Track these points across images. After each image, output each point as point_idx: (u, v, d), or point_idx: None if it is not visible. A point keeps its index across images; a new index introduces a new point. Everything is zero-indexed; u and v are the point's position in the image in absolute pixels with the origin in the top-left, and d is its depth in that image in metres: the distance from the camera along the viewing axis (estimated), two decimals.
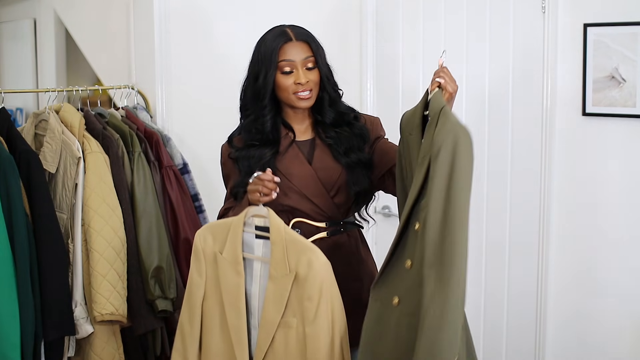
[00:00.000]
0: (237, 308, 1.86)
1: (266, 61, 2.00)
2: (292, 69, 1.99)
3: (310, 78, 2.00)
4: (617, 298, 2.63)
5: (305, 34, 2.03)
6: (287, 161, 2.04)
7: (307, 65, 2.00)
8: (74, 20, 3.65)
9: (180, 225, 2.57)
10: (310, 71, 2.01)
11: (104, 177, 2.41)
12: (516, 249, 2.87)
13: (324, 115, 2.07)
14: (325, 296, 1.78)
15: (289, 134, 2.07)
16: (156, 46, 2.76)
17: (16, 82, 4.46)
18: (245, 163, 2.03)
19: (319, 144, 2.08)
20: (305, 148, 2.08)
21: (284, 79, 2.00)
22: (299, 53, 2.00)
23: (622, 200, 2.59)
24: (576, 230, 2.71)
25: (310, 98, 2.03)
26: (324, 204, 2.04)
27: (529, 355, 2.86)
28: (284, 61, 1.99)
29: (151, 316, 2.47)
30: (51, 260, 2.29)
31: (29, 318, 2.20)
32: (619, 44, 2.51)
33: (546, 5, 2.67)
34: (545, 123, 2.72)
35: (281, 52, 1.99)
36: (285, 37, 2.00)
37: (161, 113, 2.79)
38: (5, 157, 2.22)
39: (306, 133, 2.10)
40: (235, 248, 1.86)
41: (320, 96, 2.06)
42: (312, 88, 2.01)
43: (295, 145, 2.06)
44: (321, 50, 2.04)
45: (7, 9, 4.62)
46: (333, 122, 2.07)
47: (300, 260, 1.79)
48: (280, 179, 1.91)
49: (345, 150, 2.06)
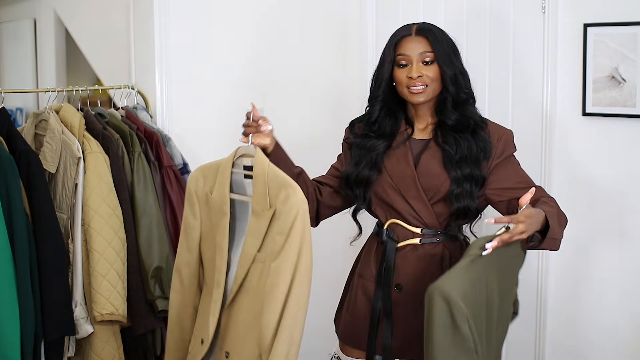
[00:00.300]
0: (220, 246, 1.87)
1: (386, 53, 2.01)
2: (407, 62, 1.97)
3: (424, 73, 1.95)
4: (617, 298, 2.62)
5: (427, 29, 1.98)
6: (394, 158, 2.01)
7: (424, 60, 1.96)
8: (74, 20, 3.65)
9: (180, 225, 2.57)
10: (426, 66, 1.96)
11: (104, 177, 2.41)
12: None
13: (444, 115, 2.00)
14: (295, 233, 1.74)
15: (407, 130, 2.04)
16: (156, 46, 2.76)
17: (16, 82, 4.46)
18: (356, 152, 2.04)
19: (432, 146, 2.02)
20: (418, 148, 2.03)
21: (399, 72, 1.98)
22: (416, 47, 1.96)
23: (623, 200, 2.59)
24: (576, 230, 2.71)
25: (423, 93, 1.97)
26: (421, 209, 1.99)
27: (529, 355, 2.86)
28: (400, 55, 1.97)
29: (151, 316, 2.47)
30: (51, 260, 2.29)
31: (29, 318, 2.20)
32: (619, 44, 2.51)
33: (546, 5, 2.67)
34: (545, 123, 2.72)
35: (399, 45, 1.98)
36: (406, 31, 1.99)
37: (161, 113, 2.79)
38: (5, 157, 2.21)
39: (424, 132, 2.05)
40: (223, 188, 1.88)
41: (443, 96, 2.00)
42: (426, 83, 1.96)
43: (408, 143, 2.02)
44: (446, 48, 1.97)
45: (7, 9, 4.62)
46: (454, 125, 1.98)
47: (278, 195, 1.77)
48: (383, 174, 1.95)
49: (458, 160, 1.96)
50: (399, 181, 1.99)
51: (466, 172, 1.95)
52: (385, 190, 2.01)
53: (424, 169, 1.99)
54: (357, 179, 2.03)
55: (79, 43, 3.56)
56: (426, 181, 1.97)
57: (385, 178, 1.99)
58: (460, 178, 1.95)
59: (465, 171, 1.95)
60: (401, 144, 2.02)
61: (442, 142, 1.99)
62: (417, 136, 2.05)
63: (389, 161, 2.01)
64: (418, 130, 2.05)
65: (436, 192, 1.99)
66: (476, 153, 1.97)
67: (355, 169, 2.04)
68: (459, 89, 1.99)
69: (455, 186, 1.96)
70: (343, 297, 2.21)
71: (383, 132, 2.03)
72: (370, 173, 2.01)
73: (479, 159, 1.97)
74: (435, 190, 1.98)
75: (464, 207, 1.97)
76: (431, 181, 1.97)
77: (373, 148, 2.01)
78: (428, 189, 1.98)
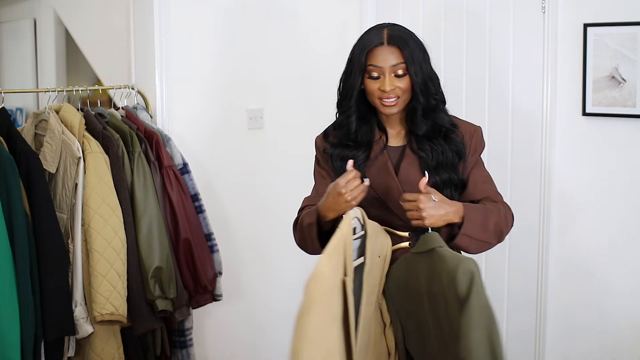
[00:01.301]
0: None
1: (356, 62, 1.93)
2: (379, 74, 1.90)
3: (397, 85, 1.90)
4: (617, 298, 2.63)
5: (399, 39, 1.91)
6: (374, 169, 1.97)
7: (396, 72, 1.90)
8: (74, 20, 3.66)
9: (180, 225, 2.57)
10: (399, 78, 1.91)
11: (104, 177, 2.41)
12: (516, 249, 2.87)
13: (415, 126, 1.96)
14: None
15: (382, 138, 2.00)
16: (156, 46, 2.76)
17: (16, 82, 4.46)
18: (338, 164, 1.98)
19: (408, 153, 1.98)
20: (395, 155, 1.99)
21: (371, 83, 1.92)
22: (388, 59, 1.89)
23: (622, 200, 2.60)
24: (576, 230, 2.71)
25: (396, 105, 1.92)
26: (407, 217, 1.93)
27: (529, 355, 2.86)
28: (372, 66, 1.90)
29: (151, 316, 2.47)
30: (51, 260, 2.29)
31: (29, 318, 2.20)
32: (619, 44, 2.51)
33: (546, 5, 2.67)
34: (545, 123, 2.72)
35: (370, 55, 1.91)
36: (378, 39, 1.91)
37: (161, 113, 2.79)
38: (6, 157, 2.21)
39: (398, 138, 2.02)
40: (351, 264, 1.75)
41: (412, 105, 1.95)
42: (398, 95, 1.91)
43: (386, 152, 1.98)
44: (417, 56, 1.90)
45: (7, 9, 4.62)
46: (426, 133, 1.96)
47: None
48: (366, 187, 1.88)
49: (435, 167, 1.93)
50: (383, 194, 1.96)
51: (444, 178, 1.94)
52: (371, 203, 1.96)
53: (404, 177, 1.96)
54: None
55: (79, 43, 3.56)
56: (408, 190, 1.92)
57: (369, 192, 1.92)
58: (439, 183, 1.93)
59: (444, 177, 1.94)
60: (379, 153, 1.98)
61: (417, 148, 1.97)
62: (392, 143, 2.01)
63: (370, 173, 1.97)
64: (392, 137, 2.02)
65: None
66: (451, 158, 1.95)
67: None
68: (429, 96, 1.95)
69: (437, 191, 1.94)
70: None
71: (361, 141, 1.98)
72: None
73: (455, 163, 1.96)
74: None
75: None
76: (414, 188, 1.92)
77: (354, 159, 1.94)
78: None
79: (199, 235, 2.62)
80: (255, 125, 3.04)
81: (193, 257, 2.57)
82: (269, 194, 3.09)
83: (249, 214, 3.05)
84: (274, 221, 3.11)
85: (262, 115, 3.04)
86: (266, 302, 3.13)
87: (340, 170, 1.96)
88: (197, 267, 2.57)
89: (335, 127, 2.05)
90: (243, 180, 3.04)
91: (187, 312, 2.61)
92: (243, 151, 3.02)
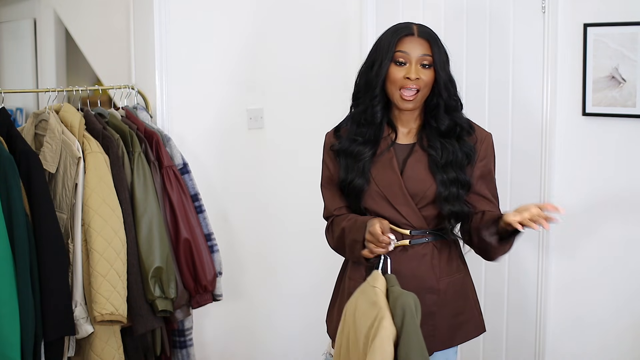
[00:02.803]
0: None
1: (383, 51, 1.96)
2: (406, 61, 1.94)
3: (421, 76, 1.93)
4: (617, 298, 2.63)
5: (429, 33, 1.97)
6: (379, 165, 1.99)
7: (422, 62, 1.94)
8: (74, 20, 3.66)
9: (181, 225, 2.57)
10: (424, 69, 1.94)
11: (104, 177, 2.41)
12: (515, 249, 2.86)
13: (439, 121, 1.98)
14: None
15: (391, 135, 2.02)
16: (156, 46, 2.76)
17: (16, 82, 4.46)
18: (344, 160, 2.01)
19: (417, 150, 2.01)
20: (403, 153, 2.01)
21: (396, 70, 1.95)
22: (417, 48, 1.94)
23: (622, 199, 2.60)
24: (576, 230, 2.71)
25: (414, 100, 1.95)
26: (409, 214, 1.98)
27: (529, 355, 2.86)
28: (400, 52, 1.94)
29: (151, 316, 2.47)
30: (51, 260, 2.29)
31: (29, 318, 2.20)
32: (619, 44, 2.51)
33: (546, 5, 2.67)
34: (545, 123, 2.72)
35: (399, 43, 1.95)
36: (407, 30, 1.96)
37: (161, 113, 2.79)
38: (6, 157, 2.22)
39: (409, 136, 2.04)
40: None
41: (436, 102, 1.98)
42: (420, 87, 1.94)
43: (392, 149, 2.00)
44: (443, 55, 1.96)
45: (7, 9, 4.62)
46: (446, 130, 1.98)
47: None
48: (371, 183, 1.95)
49: (444, 165, 1.96)
50: (385, 189, 1.98)
51: (452, 176, 1.96)
52: (374, 199, 1.99)
53: (409, 173, 1.98)
54: (349, 188, 2.01)
55: (79, 43, 3.56)
56: (412, 186, 1.97)
57: (373, 187, 1.98)
58: (446, 181, 1.95)
59: (451, 175, 1.96)
60: (385, 150, 2.01)
61: (428, 146, 1.99)
62: (401, 141, 2.03)
63: (375, 169, 1.99)
64: (402, 135, 2.04)
65: (423, 196, 1.98)
66: (461, 159, 1.98)
67: (345, 177, 2.02)
68: (450, 95, 1.98)
69: (442, 189, 1.96)
70: (334, 297, 2.20)
71: (369, 137, 2.01)
72: (361, 182, 1.99)
73: (463, 164, 1.98)
74: (422, 194, 1.98)
75: (455, 211, 1.97)
76: (418, 185, 1.97)
77: (360, 155, 1.99)
78: (415, 194, 1.98)
79: (199, 235, 2.62)
80: (255, 125, 3.04)
81: (193, 257, 2.57)
82: (269, 194, 3.10)
83: (249, 214, 3.05)
84: (274, 221, 3.11)
85: (262, 115, 3.04)
86: (266, 302, 3.13)
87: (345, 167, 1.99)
88: (197, 267, 2.57)
89: (347, 122, 2.07)
90: (243, 180, 3.04)
91: (187, 312, 2.61)
92: (243, 151, 3.02)
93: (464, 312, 2.07)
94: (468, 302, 2.09)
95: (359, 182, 1.99)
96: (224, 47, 2.94)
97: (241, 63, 3.00)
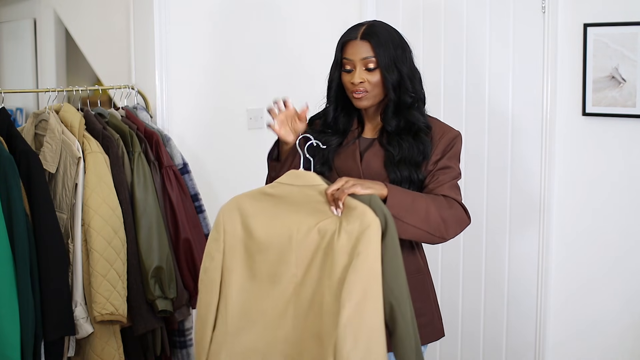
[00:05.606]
0: None
1: (336, 55, 2.02)
2: (351, 67, 1.97)
3: (366, 79, 1.95)
4: (618, 298, 2.63)
5: (373, 34, 1.96)
6: (343, 155, 2.04)
7: (367, 66, 1.95)
8: (74, 20, 3.65)
9: (180, 225, 2.57)
10: (369, 72, 1.95)
11: (104, 177, 2.41)
12: (516, 249, 2.87)
13: (385, 121, 2.01)
14: None
15: (357, 129, 2.07)
16: (156, 46, 2.76)
17: (16, 82, 4.46)
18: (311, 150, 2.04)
19: (375, 145, 2.03)
20: (364, 146, 2.05)
21: (344, 76, 2.00)
22: (359, 52, 1.96)
23: (623, 200, 2.60)
24: (576, 230, 2.72)
25: (365, 99, 1.98)
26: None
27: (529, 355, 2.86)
28: (345, 59, 1.98)
29: (151, 316, 2.47)
30: (51, 260, 2.29)
31: (29, 318, 2.19)
32: (619, 44, 2.51)
33: (546, 5, 2.67)
34: (545, 123, 2.72)
35: (344, 49, 1.99)
36: (350, 35, 1.99)
37: (161, 113, 2.79)
38: (6, 157, 2.21)
39: (373, 131, 2.07)
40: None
41: (385, 101, 2.00)
42: (367, 90, 1.96)
43: (357, 142, 2.05)
44: (390, 53, 1.95)
45: (7, 9, 4.62)
46: (396, 130, 1.99)
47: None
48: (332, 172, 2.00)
49: (398, 162, 1.97)
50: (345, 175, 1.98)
51: (405, 174, 1.96)
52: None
53: (366, 166, 2.01)
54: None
55: (79, 43, 3.56)
56: (369, 178, 1.98)
57: (333, 175, 2.02)
58: (398, 180, 1.96)
59: (404, 173, 1.96)
60: (351, 142, 2.05)
61: (386, 142, 2.01)
62: (366, 135, 2.07)
63: (338, 158, 2.04)
64: (368, 130, 2.08)
65: None
66: (416, 156, 1.97)
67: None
68: (403, 93, 1.97)
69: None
70: None
71: (337, 129, 2.06)
72: (322, 169, 2.04)
73: (418, 162, 1.97)
74: None
75: None
76: (372, 178, 1.98)
77: (326, 143, 2.03)
78: None
79: (199, 235, 2.62)
80: (255, 125, 3.04)
81: (193, 257, 2.57)
82: None
83: None
84: None
85: (262, 115, 3.04)
86: None
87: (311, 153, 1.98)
88: (197, 267, 2.57)
89: (320, 115, 2.14)
90: (243, 180, 3.02)
91: (187, 312, 2.61)
92: (243, 151, 3.02)
93: (425, 313, 2.03)
94: (429, 303, 2.06)
95: (319, 169, 2.03)
96: (224, 47, 2.94)
97: (241, 63, 3.00)
